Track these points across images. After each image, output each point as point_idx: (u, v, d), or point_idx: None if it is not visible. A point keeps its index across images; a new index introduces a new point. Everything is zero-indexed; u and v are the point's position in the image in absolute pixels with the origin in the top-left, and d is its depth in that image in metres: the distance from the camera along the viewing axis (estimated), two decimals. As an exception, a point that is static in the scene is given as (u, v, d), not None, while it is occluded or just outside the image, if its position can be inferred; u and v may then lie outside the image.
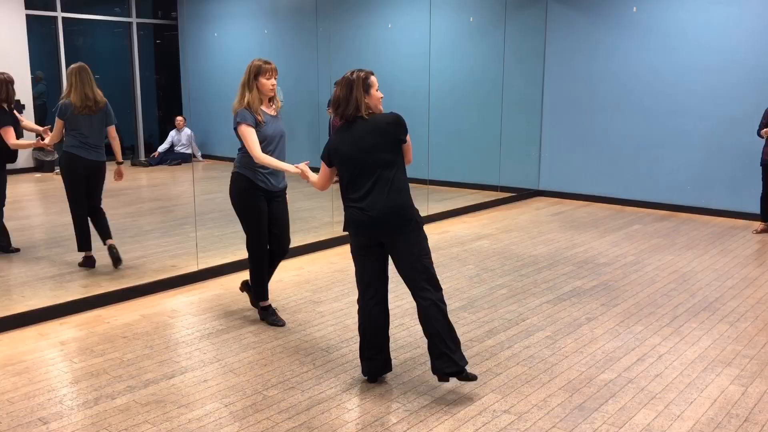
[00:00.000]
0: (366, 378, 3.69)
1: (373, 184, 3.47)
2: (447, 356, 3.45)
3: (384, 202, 3.45)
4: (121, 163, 5.97)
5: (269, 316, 4.58)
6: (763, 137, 6.87)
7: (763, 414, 3.36)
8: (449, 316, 3.54)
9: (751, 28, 7.66)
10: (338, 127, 3.60)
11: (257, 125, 4.25)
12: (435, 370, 3.51)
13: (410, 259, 3.47)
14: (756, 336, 4.37)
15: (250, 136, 4.20)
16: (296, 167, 4.03)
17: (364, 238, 3.53)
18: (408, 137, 3.58)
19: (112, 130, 5.77)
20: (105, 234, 5.82)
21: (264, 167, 4.31)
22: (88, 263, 5.80)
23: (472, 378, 3.52)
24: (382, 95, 3.57)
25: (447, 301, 4.94)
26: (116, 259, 5.77)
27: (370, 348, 3.64)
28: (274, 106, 4.47)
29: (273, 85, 4.37)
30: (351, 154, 3.48)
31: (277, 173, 4.40)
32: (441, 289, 3.53)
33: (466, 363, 3.53)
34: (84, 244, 5.79)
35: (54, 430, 3.20)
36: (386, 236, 3.49)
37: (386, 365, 3.70)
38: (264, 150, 4.23)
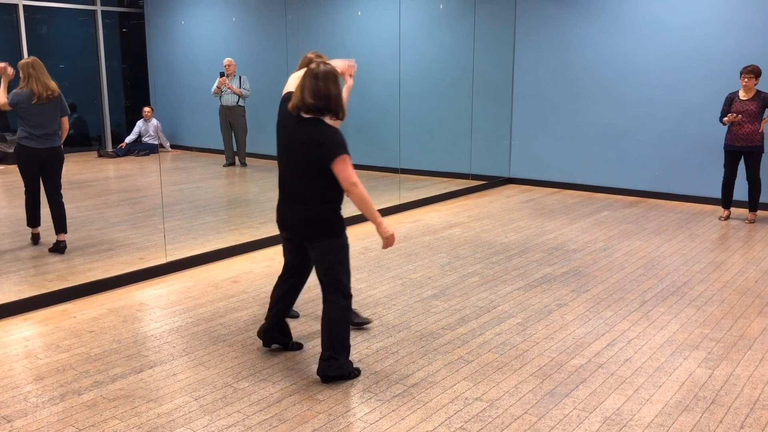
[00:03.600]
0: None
1: (292, 187, 3.49)
2: (335, 359, 3.51)
3: (297, 212, 3.47)
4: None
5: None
6: (725, 124, 6.98)
7: (729, 396, 3.41)
8: (422, 303, 3.53)
9: (718, 16, 7.75)
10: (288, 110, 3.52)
11: None
12: (319, 370, 3.57)
13: (321, 267, 3.51)
14: (722, 319, 4.44)
15: None
16: None
17: (281, 229, 3.63)
18: (341, 158, 3.32)
19: (65, 122, 5.85)
20: (59, 227, 5.92)
21: None
22: (35, 240, 6.08)
23: (354, 375, 3.60)
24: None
25: (419, 290, 4.96)
26: (58, 251, 5.89)
27: (268, 312, 3.87)
28: None
29: None
30: (285, 145, 3.52)
31: None
32: (350, 296, 3.54)
33: (349, 369, 3.58)
34: (33, 220, 6.03)
35: (18, 429, 3.12)
36: (299, 240, 3.56)
37: (267, 337, 3.90)
38: None
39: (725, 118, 6.92)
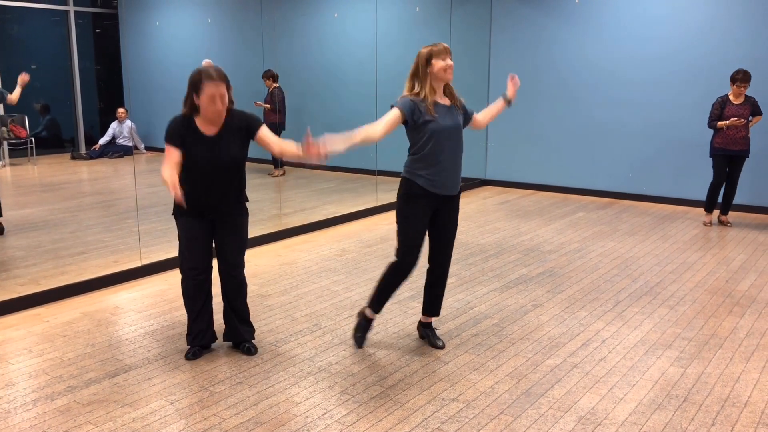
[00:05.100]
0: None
1: None
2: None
3: None
4: None
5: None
6: (720, 128, 6.82)
7: (701, 394, 3.47)
8: (399, 305, 3.52)
9: (695, 20, 7.87)
10: None
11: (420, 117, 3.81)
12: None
13: None
14: (694, 319, 4.51)
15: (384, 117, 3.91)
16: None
17: None
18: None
19: None
20: None
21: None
22: None
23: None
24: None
25: (397, 292, 4.96)
26: None
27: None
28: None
29: (448, 66, 3.82)
30: None
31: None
32: (184, 277, 3.94)
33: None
34: None
35: (-10, 435, 3.08)
36: None
37: (210, 336, 3.99)
38: (427, 148, 3.93)
39: (727, 122, 6.75)
